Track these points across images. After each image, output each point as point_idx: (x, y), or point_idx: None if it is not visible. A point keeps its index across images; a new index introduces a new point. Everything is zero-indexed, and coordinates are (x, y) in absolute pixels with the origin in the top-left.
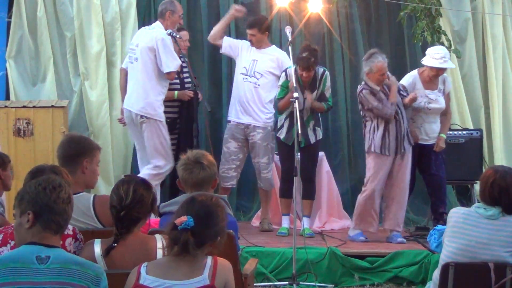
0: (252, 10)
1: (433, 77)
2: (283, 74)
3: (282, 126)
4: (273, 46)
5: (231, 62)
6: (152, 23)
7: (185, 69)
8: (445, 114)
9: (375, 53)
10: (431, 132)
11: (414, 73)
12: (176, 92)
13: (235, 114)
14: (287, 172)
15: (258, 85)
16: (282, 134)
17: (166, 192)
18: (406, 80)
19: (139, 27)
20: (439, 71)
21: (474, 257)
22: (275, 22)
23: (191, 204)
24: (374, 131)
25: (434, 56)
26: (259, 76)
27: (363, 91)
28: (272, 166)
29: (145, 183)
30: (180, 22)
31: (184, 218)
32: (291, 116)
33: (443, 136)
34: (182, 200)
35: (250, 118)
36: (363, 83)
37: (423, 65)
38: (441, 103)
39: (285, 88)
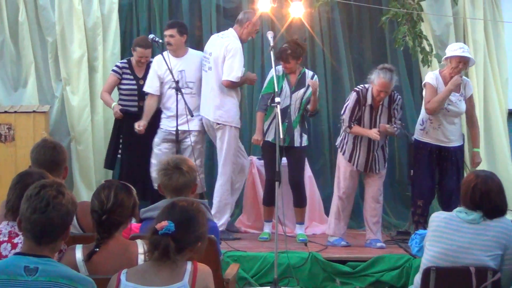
0: (234, 15)
1: (454, 72)
2: (272, 71)
3: (268, 128)
4: (190, 50)
5: None
6: (133, 28)
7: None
8: (472, 124)
9: (387, 69)
10: (450, 134)
11: (436, 72)
12: (113, 104)
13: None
14: (271, 181)
15: (194, 93)
16: (270, 137)
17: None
18: (430, 77)
19: (121, 32)
20: (460, 64)
21: (455, 261)
22: None
23: (172, 210)
24: (346, 136)
25: (453, 48)
26: (192, 85)
27: (355, 91)
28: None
29: (125, 188)
30: (253, 35)
31: (165, 223)
32: (275, 118)
33: (478, 150)
34: (163, 205)
35: (186, 126)
36: (365, 85)
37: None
38: (460, 107)
39: (272, 84)
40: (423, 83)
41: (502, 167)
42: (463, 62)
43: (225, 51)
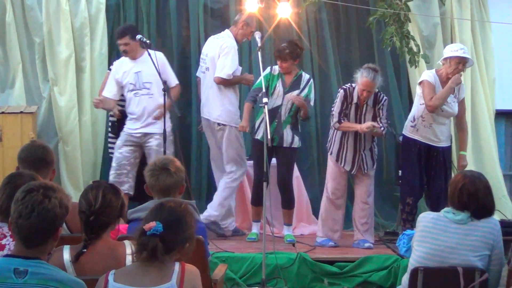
0: (221, 15)
1: (452, 73)
2: (268, 69)
3: (258, 127)
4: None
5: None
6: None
7: None
8: (461, 127)
9: (371, 68)
10: (440, 134)
11: (432, 71)
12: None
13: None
14: (259, 181)
15: (152, 94)
16: (259, 135)
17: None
18: (428, 75)
19: (108, 33)
20: (459, 65)
21: (443, 261)
22: None
23: (160, 210)
24: (333, 136)
25: (453, 48)
26: (149, 85)
27: (342, 89)
28: None
29: (113, 188)
30: (249, 37)
31: (153, 224)
32: (269, 114)
33: (464, 153)
34: (151, 206)
35: (148, 128)
36: (352, 84)
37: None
38: (454, 109)
39: (266, 81)
40: (419, 80)
41: (489, 167)
42: (462, 63)
43: (219, 50)
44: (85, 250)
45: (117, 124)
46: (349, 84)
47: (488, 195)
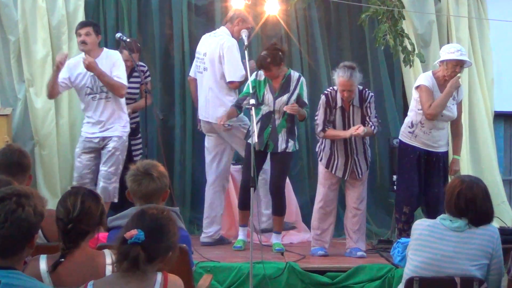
0: (206, 12)
1: (450, 76)
2: (254, 74)
3: (253, 132)
4: (105, 50)
5: (184, 68)
6: (100, 27)
7: (134, 73)
8: (457, 131)
9: (347, 67)
10: (439, 139)
11: (429, 74)
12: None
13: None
14: (248, 182)
15: (110, 97)
16: (252, 141)
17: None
18: (425, 79)
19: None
20: (456, 67)
21: (439, 271)
22: None
23: (142, 218)
24: (323, 142)
25: (450, 50)
26: (106, 88)
27: (323, 94)
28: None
29: (93, 195)
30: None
31: (134, 232)
32: (261, 121)
33: (458, 158)
34: (132, 213)
35: (107, 132)
36: (334, 87)
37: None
38: (454, 112)
39: (252, 87)
40: (416, 85)
41: (488, 172)
42: (459, 65)
43: (220, 50)
44: (62, 259)
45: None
46: (331, 88)
47: (487, 201)
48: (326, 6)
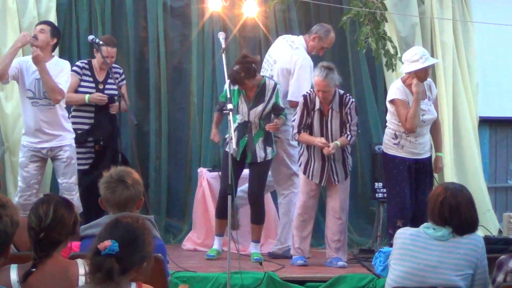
0: (182, 14)
1: (421, 80)
2: (227, 82)
3: (231, 139)
4: (55, 58)
5: (159, 72)
6: (73, 29)
7: (109, 80)
8: (436, 127)
9: (323, 67)
10: (425, 145)
11: (399, 84)
12: (87, 95)
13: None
14: (225, 191)
15: (53, 106)
16: (230, 149)
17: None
18: (398, 92)
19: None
20: (426, 73)
21: (422, 281)
22: (207, 27)
23: (115, 227)
24: (301, 146)
25: (413, 59)
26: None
27: (302, 96)
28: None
29: (66, 203)
30: (320, 52)
31: (108, 243)
32: (238, 129)
33: (441, 155)
34: (105, 222)
35: (55, 142)
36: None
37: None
38: (433, 113)
39: (223, 98)
40: (389, 99)
41: (473, 179)
42: (427, 72)
43: (293, 66)
44: (34, 269)
45: (81, 132)
46: (311, 89)
47: (471, 209)
48: (306, 8)
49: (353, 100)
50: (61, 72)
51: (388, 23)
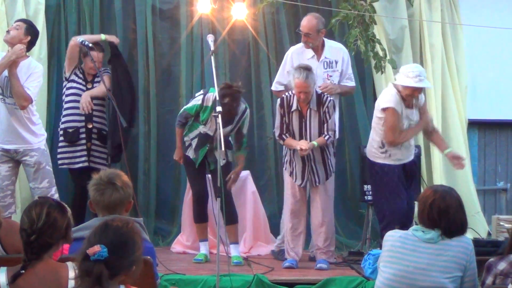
0: (171, 16)
1: (407, 96)
2: (200, 97)
3: (190, 145)
4: (30, 59)
5: (148, 74)
6: (61, 31)
7: (96, 79)
8: (434, 129)
9: (302, 68)
10: (411, 149)
11: (393, 91)
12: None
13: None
14: (198, 195)
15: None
16: (190, 153)
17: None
18: (391, 101)
19: (48, 36)
20: (415, 92)
21: (412, 284)
22: (196, 30)
23: (105, 231)
24: (285, 149)
25: (408, 75)
26: None
27: (279, 98)
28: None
29: (60, 206)
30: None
31: (97, 248)
32: (199, 137)
33: (451, 149)
34: (94, 224)
35: (20, 144)
36: (293, 91)
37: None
38: (416, 119)
39: (195, 108)
40: (383, 106)
41: (462, 182)
42: (418, 91)
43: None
44: (23, 271)
45: (71, 131)
46: (291, 91)
47: (460, 212)
48: (295, 10)
49: (331, 98)
50: (31, 76)
51: (377, 25)
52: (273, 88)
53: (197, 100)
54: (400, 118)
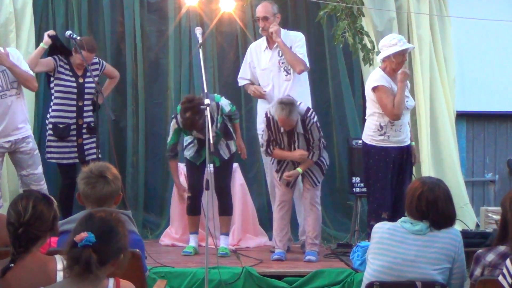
0: (159, 9)
1: (397, 67)
2: (173, 121)
3: (189, 144)
4: (8, 48)
5: (136, 67)
6: (49, 24)
7: (87, 74)
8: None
9: (284, 104)
10: (407, 132)
11: (380, 71)
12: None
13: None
14: (194, 187)
15: (19, 94)
16: (189, 154)
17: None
18: (382, 79)
19: (36, 29)
20: (403, 58)
21: (400, 275)
22: (184, 22)
23: (90, 220)
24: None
25: (391, 43)
26: (16, 85)
27: (265, 117)
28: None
29: (46, 199)
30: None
31: (84, 234)
32: (195, 140)
33: (413, 144)
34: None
35: (19, 133)
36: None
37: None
38: (413, 100)
39: (176, 134)
40: (372, 86)
41: (450, 173)
42: (404, 54)
43: None
44: (12, 265)
45: (62, 127)
46: (272, 114)
47: (449, 204)
48: (283, 2)
49: (314, 120)
50: (18, 60)
51: (365, 17)
52: (239, 83)
53: (172, 126)
54: (392, 92)
